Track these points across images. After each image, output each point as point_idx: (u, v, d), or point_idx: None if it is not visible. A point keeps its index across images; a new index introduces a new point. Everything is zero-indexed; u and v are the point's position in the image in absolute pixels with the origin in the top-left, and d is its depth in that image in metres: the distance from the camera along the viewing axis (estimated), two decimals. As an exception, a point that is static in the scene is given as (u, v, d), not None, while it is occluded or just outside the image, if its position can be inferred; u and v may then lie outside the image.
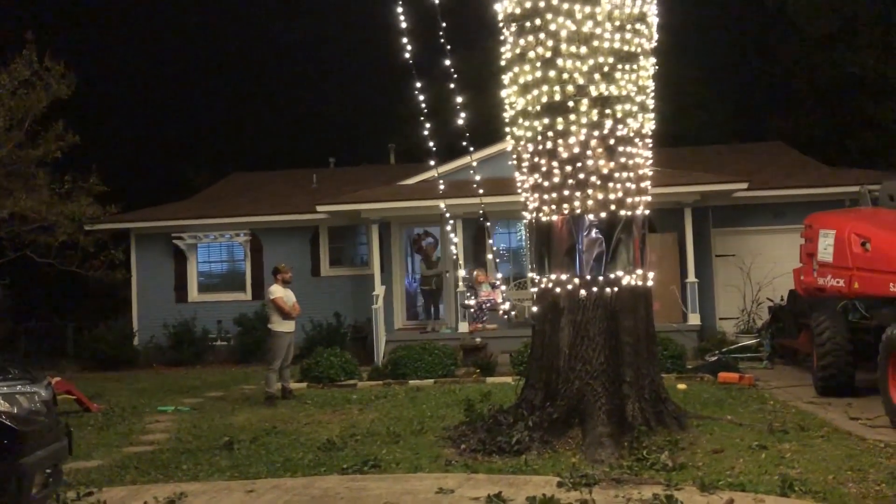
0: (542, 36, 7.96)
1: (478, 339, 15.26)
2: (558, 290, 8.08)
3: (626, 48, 8.09)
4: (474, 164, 10.85)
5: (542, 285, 8.29)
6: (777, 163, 19.43)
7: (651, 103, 8.43)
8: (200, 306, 18.32)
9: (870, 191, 12.16)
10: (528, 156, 8.31)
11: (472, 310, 15.77)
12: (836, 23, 26.16)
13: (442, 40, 8.98)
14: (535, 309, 8.53)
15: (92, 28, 41.24)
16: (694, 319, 15.78)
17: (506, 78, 8.48)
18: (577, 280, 8.03)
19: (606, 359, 7.89)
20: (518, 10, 8.08)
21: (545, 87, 8.00)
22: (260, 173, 23.52)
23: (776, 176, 18.02)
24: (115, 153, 21.57)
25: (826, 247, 11.26)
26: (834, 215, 11.76)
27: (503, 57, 8.48)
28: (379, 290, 16.29)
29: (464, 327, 15.97)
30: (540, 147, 8.15)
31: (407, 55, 9.68)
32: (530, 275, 8.75)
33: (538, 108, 8.09)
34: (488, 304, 15.72)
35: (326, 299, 17.85)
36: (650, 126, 8.42)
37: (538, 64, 8.02)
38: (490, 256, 13.67)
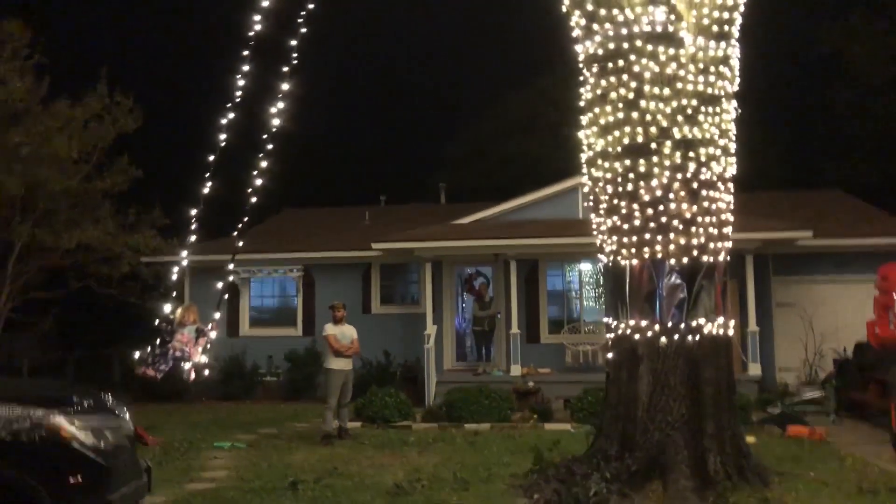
0: (624, 77, 7.86)
1: (531, 384, 14.96)
2: (637, 336, 7.85)
3: (709, 91, 7.96)
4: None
5: (619, 331, 8.06)
6: (838, 211, 18.99)
7: (733, 147, 8.25)
8: (251, 341, 18.29)
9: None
10: (607, 198, 8.15)
11: (148, 353, 10.64)
12: (893, 70, 25.78)
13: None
14: (609, 356, 8.30)
15: (145, 60, 42.25)
16: (754, 370, 15.33)
17: (584, 118, 8.38)
18: (657, 327, 7.79)
19: (688, 410, 7.61)
20: (601, 52, 7.99)
21: (627, 129, 7.87)
22: (311, 209, 23.63)
23: (838, 225, 17.59)
24: (172, 187, 21.80)
25: (905, 299, 10.89)
26: (913, 266, 11.37)
27: (583, 98, 8.39)
28: (431, 329, 16.13)
29: (516, 370, 15.70)
30: (620, 189, 7.99)
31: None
32: (605, 320, 8.52)
33: (619, 149, 7.95)
34: (177, 354, 10.70)
35: (376, 337, 17.69)
36: (732, 170, 8.23)
37: (620, 105, 7.91)
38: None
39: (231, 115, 9.13)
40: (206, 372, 10.75)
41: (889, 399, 10.94)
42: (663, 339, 7.73)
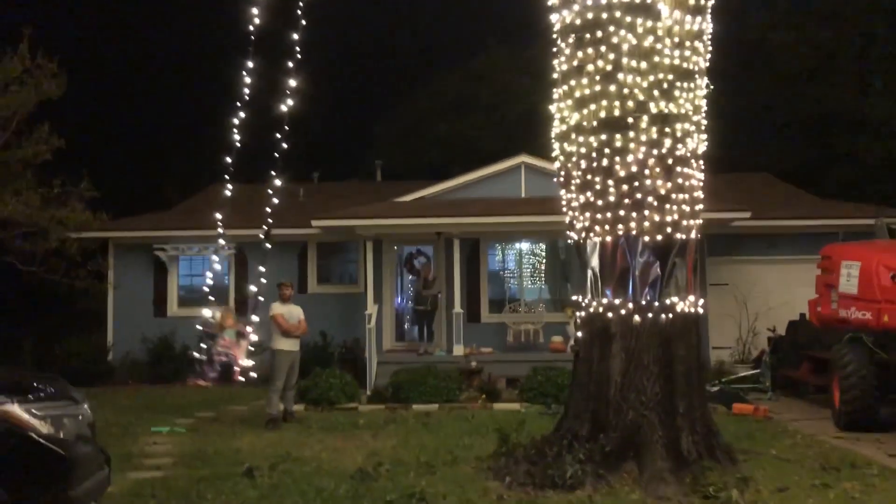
0: (602, 49, 7.63)
1: (474, 363, 14.77)
2: (610, 314, 7.69)
3: (684, 65, 7.82)
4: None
5: (591, 310, 7.89)
6: (768, 193, 19.45)
7: (705, 123, 8.15)
8: (181, 321, 17.44)
9: (887, 224, 12.11)
10: (580, 173, 7.93)
11: (196, 362, 12.15)
12: (815, 59, 26.60)
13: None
14: (579, 334, 8.13)
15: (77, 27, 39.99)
16: (692, 348, 15.51)
17: (558, 91, 8.12)
18: (630, 305, 7.65)
19: (661, 389, 7.50)
20: (578, 21, 7.73)
21: (604, 102, 7.65)
22: (240, 185, 22.69)
23: (769, 206, 17.98)
24: (96, 159, 20.59)
25: (849, 278, 11.13)
26: (857, 247, 11.65)
27: (556, 70, 8.12)
28: (372, 309, 15.74)
29: (458, 350, 15.49)
30: (594, 164, 7.78)
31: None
32: (575, 298, 8.34)
33: (595, 123, 7.74)
34: (223, 358, 11.96)
35: (313, 317, 17.07)
36: (704, 147, 8.13)
37: (597, 77, 7.68)
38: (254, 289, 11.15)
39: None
40: (254, 375, 11.27)
41: (831, 376, 11.20)
42: (637, 318, 7.59)
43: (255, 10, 10.13)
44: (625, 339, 7.62)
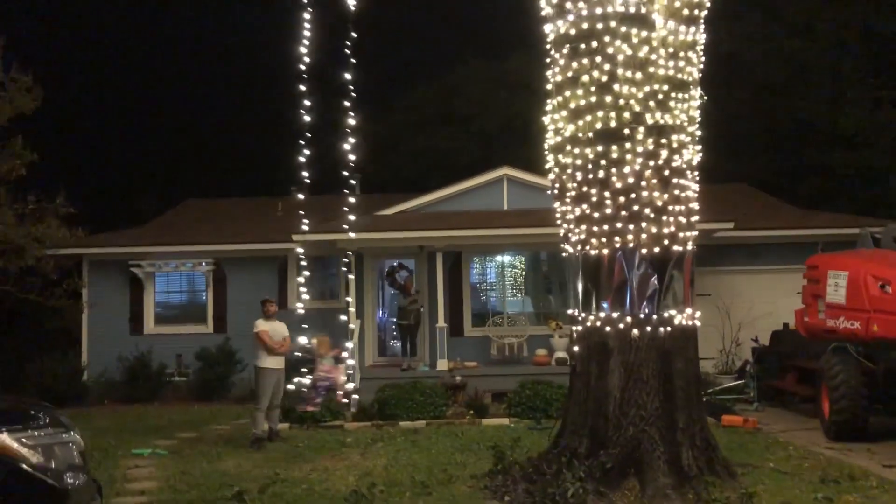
0: (598, 59, 7.55)
1: (458, 378, 14.58)
2: (608, 328, 7.58)
3: (679, 76, 7.77)
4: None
5: (588, 324, 7.77)
6: (748, 204, 19.57)
7: (699, 134, 8.10)
8: (157, 339, 17.11)
9: (871, 233, 12.16)
10: (575, 185, 7.83)
11: (304, 389, 12.86)
12: (787, 71, 26.90)
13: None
14: (576, 349, 8.00)
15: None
16: (677, 360, 15.47)
17: (552, 103, 8.02)
18: (629, 318, 7.54)
19: (661, 403, 7.40)
20: (573, 32, 7.65)
21: (600, 113, 7.57)
22: (217, 200, 22.43)
23: (750, 217, 18.08)
24: (69, 173, 20.27)
25: (837, 288, 11.13)
26: (844, 257, 11.67)
27: (550, 81, 8.03)
28: (355, 323, 15.49)
29: (442, 364, 15.29)
30: (590, 176, 7.68)
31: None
32: (571, 312, 8.22)
33: (590, 134, 7.65)
34: (326, 383, 13.07)
35: (295, 334, 16.91)
36: (698, 158, 8.08)
37: (592, 88, 7.59)
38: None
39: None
40: (356, 397, 12.21)
41: (819, 387, 11.19)
42: (635, 332, 7.49)
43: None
44: (623, 354, 7.51)
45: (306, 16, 10.02)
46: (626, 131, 7.53)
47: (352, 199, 13.47)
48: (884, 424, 10.92)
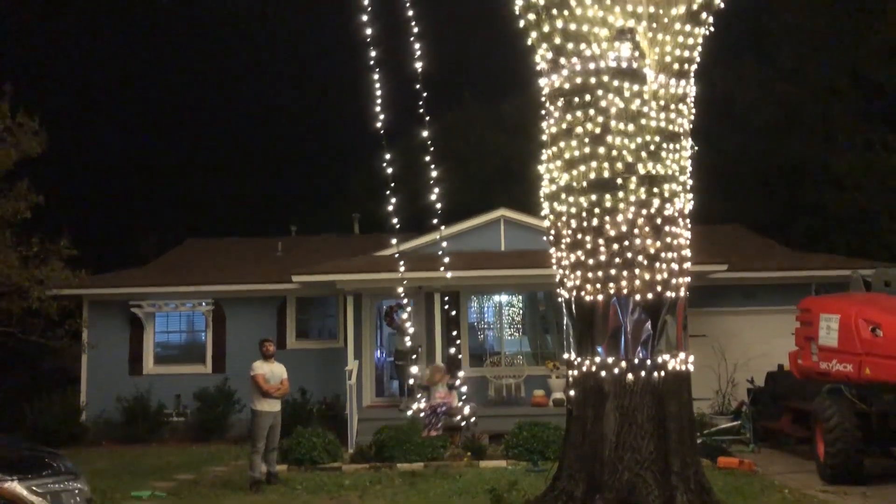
0: (591, 112, 7.80)
1: (456, 419, 14.65)
2: (603, 373, 7.72)
3: (670, 127, 8.01)
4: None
5: (584, 369, 7.91)
6: (741, 245, 19.80)
7: (690, 183, 8.32)
8: (156, 379, 17.18)
9: (862, 276, 12.35)
10: (570, 232, 8.03)
11: (422, 415, 13.42)
12: (780, 114, 27.35)
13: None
14: (572, 393, 8.13)
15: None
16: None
17: (547, 153, 8.26)
18: (623, 363, 7.69)
19: (655, 447, 7.51)
20: (567, 86, 7.91)
21: (593, 164, 7.80)
22: (217, 240, 22.63)
23: (744, 258, 18.29)
24: (70, 215, 20.42)
25: (829, 331, 11.29)
26: (835, 300, 11.85)
27: (545, 132, 8.27)
28: (353, 364, 15.59)
29: (440, 406, 15.34)
30: (585, 224, 7.89)
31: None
32: (566, 356, 8.36)
33: (584, 184, 7.87)
34: (443, 409, 13.82)
35: (292, 374, 16.89)
36: (690, 206, 8.29)
37: (586, 140, 7.83)
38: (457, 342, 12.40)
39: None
40: (473, 419, 12.72)
41: (814, 429, 11.28)
42: (630, 376, 7.64)
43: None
44: (618, 398, 7.64)
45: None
46: (619, 181, 7.75)
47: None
48: (881, 465, 11.00)
